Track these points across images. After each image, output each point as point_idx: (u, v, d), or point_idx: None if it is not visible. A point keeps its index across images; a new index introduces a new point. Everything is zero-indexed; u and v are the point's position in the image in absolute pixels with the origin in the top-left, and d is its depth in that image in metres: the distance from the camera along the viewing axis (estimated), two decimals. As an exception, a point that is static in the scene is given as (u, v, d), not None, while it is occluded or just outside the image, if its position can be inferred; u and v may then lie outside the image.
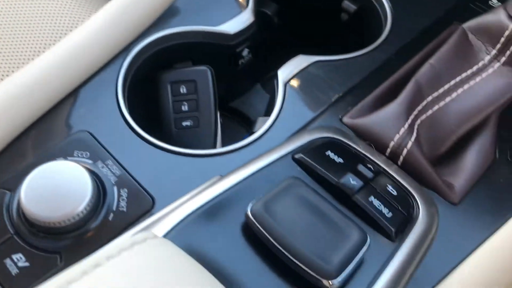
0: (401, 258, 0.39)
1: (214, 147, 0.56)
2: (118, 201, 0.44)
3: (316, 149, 0.44)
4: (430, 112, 0.49)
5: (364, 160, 0.44)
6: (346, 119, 0.51)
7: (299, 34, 0.70)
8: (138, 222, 0.42)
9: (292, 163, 0.44)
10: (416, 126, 0.48)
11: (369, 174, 0.42)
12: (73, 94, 0.50)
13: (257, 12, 0.61)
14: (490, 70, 0.51)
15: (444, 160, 0.50)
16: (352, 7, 0.66)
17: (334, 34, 0.69)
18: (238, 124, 0.66)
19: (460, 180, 0.47)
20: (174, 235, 0.37)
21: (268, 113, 0.53)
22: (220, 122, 0.58)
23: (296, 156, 0.44)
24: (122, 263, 0.31)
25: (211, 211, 0.39)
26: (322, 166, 0.42)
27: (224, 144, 0.61)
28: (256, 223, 0.37)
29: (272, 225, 0.36)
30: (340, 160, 0.43)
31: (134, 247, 0.33)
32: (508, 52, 0.50)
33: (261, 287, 0.36)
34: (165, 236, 0.37)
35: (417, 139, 0.47)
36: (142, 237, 0.34)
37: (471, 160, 0.48)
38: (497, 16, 0.50)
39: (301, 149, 0.44)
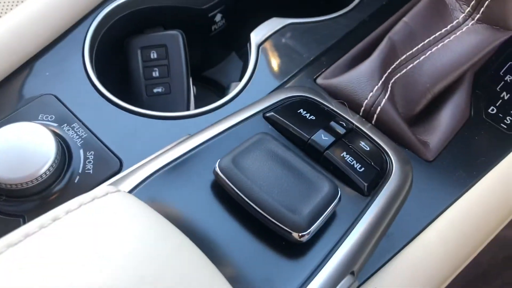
0: (374, 213, 0.38)
1: (187, 113, 0.55)
2: (85, 163, 0.42)
3: (288, 107, 0.43)
4: (404, 70, 0.48)
5: (336, 117, 0.43)
6: (320, 80, 0.50)
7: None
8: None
9: (263, 121, 0.43)
10: (390, 85, 0.47)
11: (342, 131, 0.41)
12: (38, 57, 0.48)
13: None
14: (465, 28, 0.50)
15: (419, 119, 0.49)
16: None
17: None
18: (213, 93, 0.64)
19: (435, 138, 0.46)
20: (140, 191, 0.35)
21: (242, 78, 0.51)
22: (194, 91, 0.57)
23: (267, 114, 0.43)
24: (81, 217, 0.30)
25: (179, 168, 0.38)
26: (294, 123, 0.41)
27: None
28: (224, 177, 0.36)
29: (240, 178, 0.35)
30: (312, 117, 0.42)
31: (94, 201, 0.31)
32: (482, 9, 0.49)
33: (230, 242, 0.35)
34: (130, 192, 0.35)
35: (391, 98, 0.46)
36: (103, 191, 0.32)
37: (445, 118, 0.47)
38: (471, -27, 0.50)
39: (272, 108, 0.43)
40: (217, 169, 0.36)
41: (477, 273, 0.87)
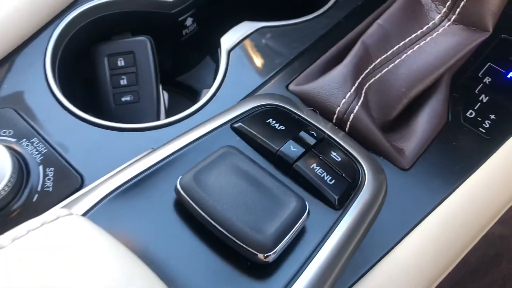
0: (345, 227, 0.37)
1: (157, 123, 0.53)
2: (44, 181, 0.41)
3: (256, 117, 0.42)
4: (378, 75, 0.47)
5: (307, 127, 0.42)
6: (292, 86, 0.48)
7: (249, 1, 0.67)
8: (65, 203, 0.39)
9: (231, 132, 0.41)
10: (364, 90, 0.46)
11: (312, 141, 0.40)
12: (-5, 69, 0.46)
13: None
14: (441, 30, 0.48)
15: (395, 125, 0.48)
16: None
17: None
18: (187, 99, 0.62)
19: (411, 145, 0.45)
20: (95, 213, 0.33)
21: (212, 85, 0.50)
22: (166, 98, 0.55)
23: (235, 125, 0.41)
24: (28, 244, 0.28)
25: (138, 186, 0.36)
26: (262, 134, 0.39)
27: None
28: (185, 195, 0.34)
29: (202, 196, 0.34)
30: (281, 127, 0.40)
31: (43, 227, 0.30)
32: (458, 10, 0.48)
33: (193, 264, 0.33)
34: (85, 214, 0.34)
35: (365, 104, 0.45)
36: (54, 215, 0.31)
37: (422, 124, 0.46)
38: (446, -28, 0.48)
39: (241, 118, 0.42)
40: (178, 187, 0.34)
41: (466, 271, 0.86)
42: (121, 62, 0.53)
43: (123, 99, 0.53)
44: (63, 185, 0.40)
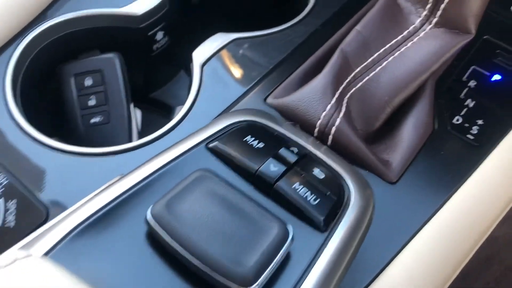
0: (333, 250, 0.34)
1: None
2: (5, 215, 0.37)
3: (233, 134, 0.39)
4: (360, 84, 0.44)
5: (288, 143, 0.39)
6: (270, 99, 0.46)
7: (220, 10, 0.64)
8: (28, 239, 0.36)
9: (206, 153, 0.38)
10: (345, 100, 0.43)
11: (293, 158, 0.37)
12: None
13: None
14: (422, 34, 0.46)
15: (380, 135, 0.45)
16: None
17: (258, 7, 0.64)
18: (162, 116, 0.60)
19: (397, 156, 0.42)
20: (58, 252, 0.30)
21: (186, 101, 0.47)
22: (138, 117, 0.52)
23: (210, 144, 0.38)
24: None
25: (106, 219, 0.33)
26: (240, 153, 0.37)
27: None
28: (157, 226, 0.31)
29: (176, 227, 0.31)
30: (260, 145, 0.38)
31: (-2, 272, 0.27)
32: (439, 12, 0.46)
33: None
34: (47, 254, 0.30)
35: (347, 115, 0.43)
36: (10, 258, 0.28)
37: (408, 134, 0.43)
38: (424, -26, 0.46)
39: (217, 137, 0.39)
40: (149, 217, 0.31)
41: (457, 277, 0.85)
42: (89, 82, 0.50)
43: (93, 120, 0.50)
44: (26, 220, 0.37)
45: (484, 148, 0.44)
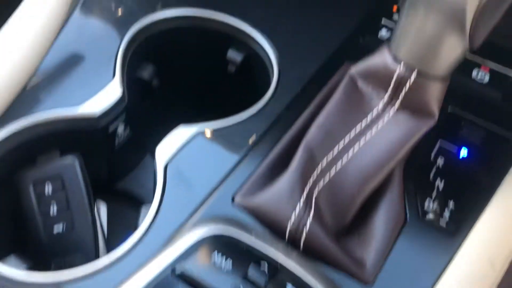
0: None
1: (96, 253, 0.48)
2: None
3: (199, 255, 0.38)
4: (327, 177, 0.44)
5: (257, 257, 0.38)
6: (238, 199, 0.44)
7: (184, 96, 0.63)
8: None
9: (173, 279, 0.36)
10: (313, 198, 0.42)
11: (262, 280, 0.36)
12: None
13: (130, 80, 0.54)
14: (386, 118, 0.46)
15: (353, 227, 0.44)
16: (238, 56, 0.60)
17: (225, 90, 0.63)
18: (128, 206, 0.58)
19: (371, 253, 0.41)
20: None
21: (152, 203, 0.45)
22: (100, 215, 0.50)
23: (177, 271, 0.36)
24: None
25: None
26: (207, 279, 0.35)
27: (111, 242, 0.53)
28: None
29: None
30: (228, 265, 0.36)
31: None
32: (401, 96, 0.45)
33: None
34: None
35: (317, 214, 0.41)
36: None
37: (379, 227, 0.43)
38: (383, 59, 0.46)
39: (182, 258, 0.37)
40: None
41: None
42: (49, 188, 0.48)
43: (56, 229, 0.47)
44: None
45: (458, 235, 0.43)
